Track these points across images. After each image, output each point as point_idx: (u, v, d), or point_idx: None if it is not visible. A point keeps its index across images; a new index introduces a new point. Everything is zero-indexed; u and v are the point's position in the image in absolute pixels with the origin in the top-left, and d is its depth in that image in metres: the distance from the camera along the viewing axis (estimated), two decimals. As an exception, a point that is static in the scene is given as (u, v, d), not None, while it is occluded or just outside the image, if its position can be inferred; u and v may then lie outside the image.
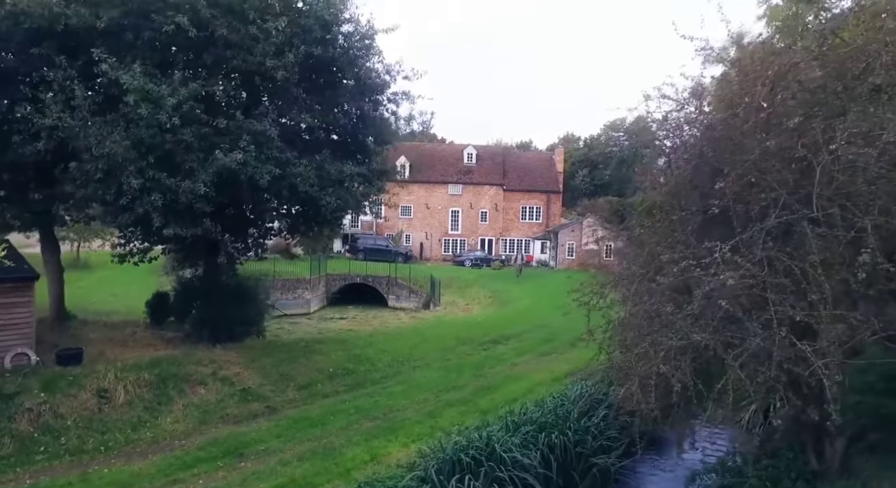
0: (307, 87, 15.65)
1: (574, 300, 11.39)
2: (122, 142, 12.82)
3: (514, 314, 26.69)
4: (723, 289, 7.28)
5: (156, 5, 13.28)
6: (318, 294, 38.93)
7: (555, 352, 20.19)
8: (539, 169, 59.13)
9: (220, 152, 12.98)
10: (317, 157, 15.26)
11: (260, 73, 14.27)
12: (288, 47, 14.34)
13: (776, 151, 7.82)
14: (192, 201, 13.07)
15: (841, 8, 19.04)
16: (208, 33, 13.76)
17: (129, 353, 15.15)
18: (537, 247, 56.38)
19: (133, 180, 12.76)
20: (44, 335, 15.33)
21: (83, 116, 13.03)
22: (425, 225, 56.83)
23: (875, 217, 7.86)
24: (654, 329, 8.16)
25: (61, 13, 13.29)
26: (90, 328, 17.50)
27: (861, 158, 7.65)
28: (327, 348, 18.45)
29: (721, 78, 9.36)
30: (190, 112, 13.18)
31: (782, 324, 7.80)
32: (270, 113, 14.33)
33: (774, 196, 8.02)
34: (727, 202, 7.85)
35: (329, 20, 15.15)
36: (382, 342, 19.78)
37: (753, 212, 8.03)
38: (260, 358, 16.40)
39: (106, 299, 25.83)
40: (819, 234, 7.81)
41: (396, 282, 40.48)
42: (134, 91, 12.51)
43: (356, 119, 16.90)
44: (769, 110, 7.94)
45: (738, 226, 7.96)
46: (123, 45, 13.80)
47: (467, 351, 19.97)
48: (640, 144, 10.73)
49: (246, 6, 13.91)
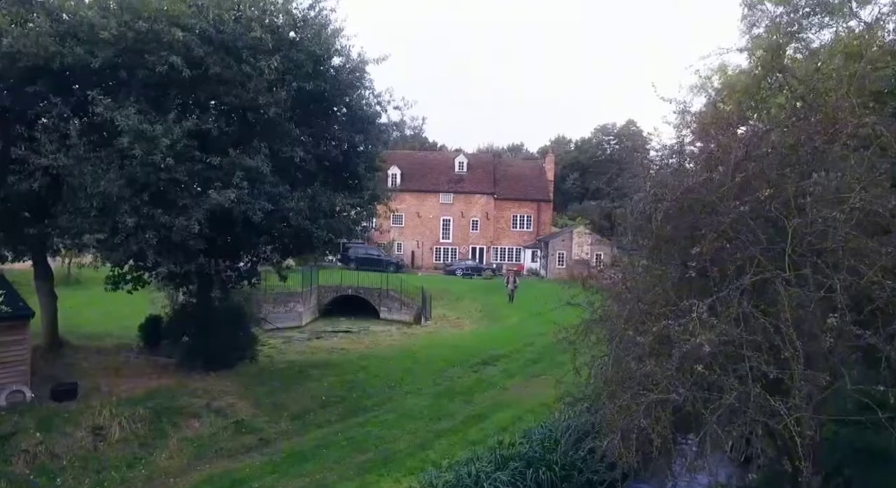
0: (299, 120, 15.90)
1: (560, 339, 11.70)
2: (116, 180, 13.03)
3: (503, 332, 27.03)
4: (699, 349, 7.60)
5: (150, 45, 13.48)
6: (309, 306, 39.14)
7: (543, 374, 20.48)
8: (530, 177, 59.58)
9: (213, 191, 13.21)
10: (308, 190, 15.51)
11: (252, 108, 14.52)
12: (280, 83, 14.60)
13: (750, 212, 8.17)
14: (186, 239, 13.28)
15: (820, 41, 19.58)
16: (202, 71, 13.99)
17: (123, 384, 15.33)
18: (528, 256, 56.83)
19: (128, 219, 12.97)
20: (38, 365, 15.48)
21: (78, 155, 13.22)
22: (417, 233, 57.14)
23: (844, 276, 8.26)
24: (636, 382, 8.48)
25: (57, 52, 13.48)
26: (83, 356, 17.66)
27: (830, 221, 8.02)
28: (320, 373, 18.69)
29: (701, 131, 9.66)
30: (184, 150, 13.41)
31: (756, 379, 8.16)
32: (263, 148, 14.56)
33: (749, 254, 8.38)
34: (704, 263, 8.19)
35: (320, 54, 15.43)
36: (375, 366, 20.04)
37: (730, 271, 8.38)
38: (253, 386, 16.64)
39: (99, 319, 25.91)
40: (791, 294, 8.17)
41: (388, 294, 40.76)
42: (128, 132, 12.72)
43: (347, 147, 17.17)
44: (744, 174, 8.28)
45: (715, 286, 8.30)
46: (118, 83, 14.00)
47: (458, 373, 20.25)
48: (629, 173, 10.98)
49: (239, 44, 14.15)
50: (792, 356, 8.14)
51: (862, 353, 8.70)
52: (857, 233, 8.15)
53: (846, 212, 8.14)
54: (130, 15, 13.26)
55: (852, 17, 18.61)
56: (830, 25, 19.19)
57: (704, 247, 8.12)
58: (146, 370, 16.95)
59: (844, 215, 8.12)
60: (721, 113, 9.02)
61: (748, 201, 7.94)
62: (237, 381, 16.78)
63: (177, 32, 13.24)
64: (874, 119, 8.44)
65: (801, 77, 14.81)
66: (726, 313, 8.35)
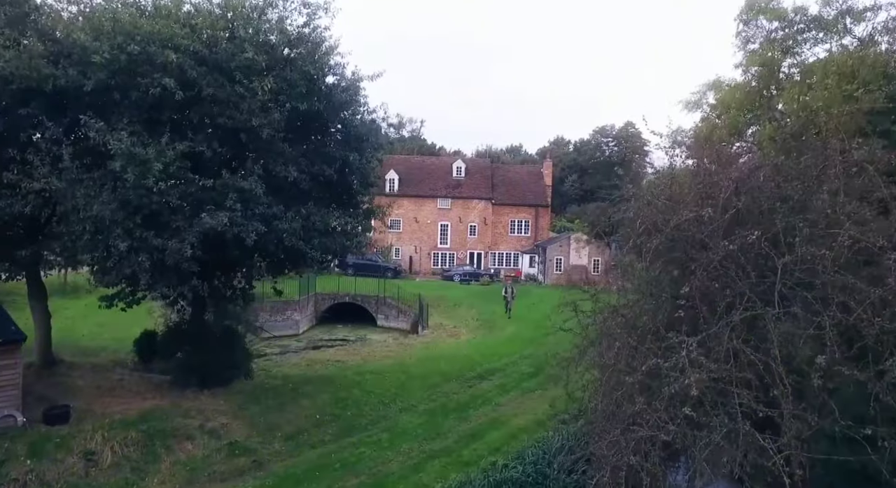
0: (293, 138, 15.86)
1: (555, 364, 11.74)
2: (109, 204, 13.00)
3: (499, 343, 27.01)
4: (688, 389, 7.60)
5: (142, 67, 13.45)
6: (306, 314, 39.14)
7: (539, 389, 20.45)
8: (528, 182, 59.58)
9: (206, 214, 13.17)
10: (303, 210, 15.47)
11: (246, 129, 14.48)
12: (274, 104, 14.57)
13: (739, 249, 8.16)
14: (179, 262, 13.26)
15: (816, 55, 19.60)
16: (195, 92, 13.96)
17: (117, 405, 15.30)
18: (526, 261, 56.82)
19: (120, 243, 12.93)
20: (31, 385, 15.45)
21: (70, 178, 13.19)
22: (415, 238, 57.12)
23: (834, 312, 8.26)
24: (626, 418, 8.48)
25: (50, 74, 13.45)
26: (78, 373, 17.60)
27: (819, 259, 8.02)
28: (314, 390, 18.67)
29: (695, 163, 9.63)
30: (177, 172, 13.38)
31: (746, 416, 8.16)
32: (256, 169, 14.52)
33: (739, 290, 8.38)
34: (694, 301, 8.19)
35: (314, 74, 15.39)
36: (369, 381, 20.01)
37: (719, 307, 8.38)
38: (247, 405, 16.61)
39: (95, 331, 25.87)
40: (781, 331, 8.16)
41: (385, 302, 40.77)
42: (121, 155, 12.69)
43: (341, 165, 17.12)
44: (734, 210, 8.28)
45: (704, 322, 8.30)
46: (111, 104, 13.96)
47: (453, 388, 20.23)
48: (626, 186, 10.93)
49: (232, 65, 14.11)
50: (781, 393, 8.15)
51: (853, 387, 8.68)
52: (845, 272, 8.15)
53: (835, 250, 8.16)
54: (123, 37, 13.22)
55: (846, 33, 18.65)
56: (825, 41, 19.24)
57: (694, 284, 8.12)
58: (140, 389, 16.92)
59: (833, 252, 8.14)
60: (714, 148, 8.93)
61: (737, 239, 7.94)
62: (231, 400, 16.75)
63: (170, 54, 13.20)
64: (863, 154, 8.44)
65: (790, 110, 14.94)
66: (716, 349, 8.38)
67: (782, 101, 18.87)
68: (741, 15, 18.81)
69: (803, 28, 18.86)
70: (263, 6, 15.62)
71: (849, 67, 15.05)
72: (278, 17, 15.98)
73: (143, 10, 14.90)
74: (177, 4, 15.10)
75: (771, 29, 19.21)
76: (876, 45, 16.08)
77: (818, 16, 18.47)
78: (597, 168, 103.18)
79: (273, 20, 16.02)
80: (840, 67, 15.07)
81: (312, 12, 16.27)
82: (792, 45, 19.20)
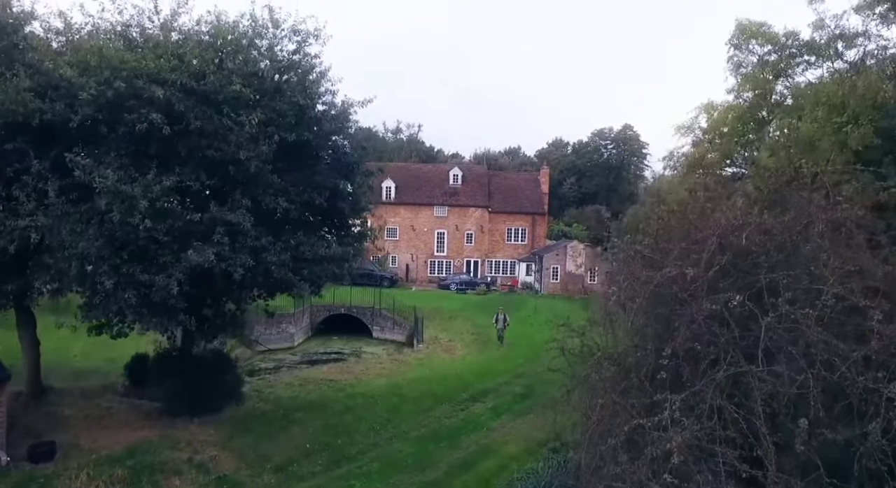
0: (281, 168, 15.76)
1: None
2: (95, 241, 12.93)
3: (493, 360, 26.97)
4: (670, 454, 7.54)
5: (129, 102, 13.36)
6: (301, 326, 39.07)
7: (530, 412, 20.39)
8: (524, 190, 59.56)
9: (193, 251, 13.09)
10: (291, 241, 15.41)
11: (234, 162, 14.41)
12: (262, 135, 14.49)
13: (723, 308, 8.11)
14: (166, 299, 13.19)
15: (808, 80, 19.56)
16: (182, 125, 13.89)
17: (104, 437, 15.23)
18: (522, 269, 56.82)
19: (107, 280, 12.86)
20: (18, 417, 15.38)
21: (56, 214, 13.12)
22: (411, 246, 57.09)
23: (818, 370, 8.21)
24: (609, 474, 8.43)
25: (37, 108, 13.38)
26: (67, 402, 17.55)
27: (803, 317, 7.97)
28: (305, 416, 18.61)
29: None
30: (163, 208, 13.30)
31: (730, 476, 8.12)
32: (245, 202, 14.44)
33: (723, 347, 8.33)
34: (679, 360, 8.14)
35: (304, 104, 15.33)
36: (361, 406, 19.95)
37: (703, 364, 8.33)
38: (237, 434, 16.54)
39: (86, 349, 25.69)
40: (764, 390, 8.11)
41: (381, 314, 40.70)
42: (106, 193, 12.61)
43: (331, 193, 17.05)
44: (717, 267, 8.23)
45: (688, 380, 8.25)
46: (98, 138, 13.89)
47: (445, 412, 20.19)
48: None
49: (220, 97, 14.03)
50: (765, 453, 8.10)
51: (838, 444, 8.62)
52: (830, 329, 8.10)
53: (818, 308, 8.11)
54: (110, 71, 13.14)
55: (837, 57, 18.61)
56: (817, 65, 19.20)
57: (678, 342, 8.07)
58: (130, 418, 16.85)
59: (817, 311, 8.09)
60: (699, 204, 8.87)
61: (721, 300, 7.89)
62: (221, 429, 16.68)
63: (157, 90, 13.13)
64: (846, 214, 8.39)
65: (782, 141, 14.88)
66: (700, 407, 8.33)
67: (774, 125, 18.84)
68: (732, 39, 18.76)
69: (795, 53, 18.83)
70: (252, 35, 15.55)
71: (839, 98, 15.00)
72: (268, 45, 15.93)
73: (131, 41, 14.83)
74: (166, 34, 15.04)
75: (763, 53, 19.18)
76: (867, 71, 16.01)
77: (810, 40, 18.44)
78: (595, 171, 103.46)
79: (263, 47, 15.97)
80: (830, 98, 15.03)
81: (303, 39, 16.24)
82: (784, 67, 19.17)
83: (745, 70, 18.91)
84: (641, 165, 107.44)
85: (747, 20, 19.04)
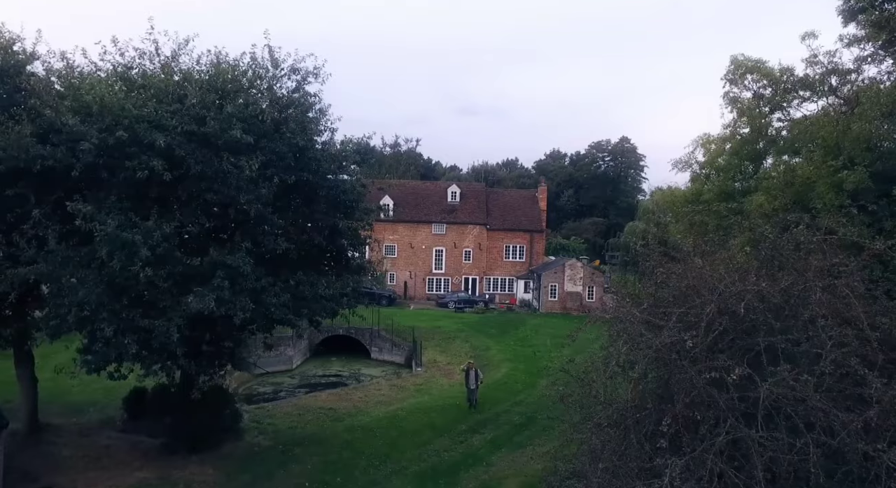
0: (281, 208, 15.82)
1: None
2: (95, 288, 12.94)
3: (492, 389, 26.90)
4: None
5: (130, 148, 13.41)
6: (300, 349, 39.01)
7: (530, 444, 20.38)
8: (522, 207, 59.71)
9: (193, 298, 13.11)
10: (291, 281, 15.43)
11: (233, 205, 14.46)
12: (262, 178, 14.56)
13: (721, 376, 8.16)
14: (166, 345, 13.19)
15: (803, 112, 19.73)
16: (183, 170, 13.95)
17: (102, 480, 15.20)
18: (521, 287, 56.83)
19: (106, 327, 12.86)
20: (14, 457, 15.29)
21: (56, 261, 13.13)
22: (409, 264, 57.11)
23: (818, 435, 8.25)
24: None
25: (38, 155, 13.42)
26: (63, 440, 17.50)
27: (801, 384, 8.02)
28: (304, 452, 18.54)
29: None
30: (163, 253, 13.33)
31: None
32: (245, 244, 14.47)
33: (723, 412, 8.37)
34: (678, 427, 8.17)
35: (303, 146, 15.41)
36: (360, 440, 19.88)
37: (702, 429, 8.36)
38: (236, 473, 16.50)
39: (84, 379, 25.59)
40: (765, 455, 8.14)
41: (379, 334, 40.68)
42: (107, 241, 12.64)
43: (330, 231, 17.11)
44: (716, 333, 8.28)
45: (688, 446, 8.27)
46: (98, 183, 13.94)
47: (444, 445, 20.12)
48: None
49: (220, 142, 14.10)
50: (766, 522, 8.11)
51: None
52: (829, 395, 8.15)
53: (817, 375, 8.16)
54: (111, 119, 13.22)
55: (831, 93, 18.80)
56: (812, 100, 19.39)
57: (677, 410, 8.12)
58: (128, 457, 16.79)
59: (815, 378, 8.14)
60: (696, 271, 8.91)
61: (719, 367, 7.95)
62: (220, 467, 16.63)
63: (158, 136, 13.20)
64: (843, 281, 8.46)
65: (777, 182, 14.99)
66: (700, 471, 8.35)
67: (770, 161, 18.98)
68: (728, 75, 18.96)
69: (790, 88, 19.02)
70: (253, 77, 15.66)
71: (833, 139, 15.15)
72: (267, 85, 16.03)
73: (132, 82, 14.89)
74: (167, 75, 15.12)
75: (758, 87, 19.36)
76: (862, 112, 16.16)
77: (804, 77, 18.63)
78: (593, 183, 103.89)
79: (263, 87, 16.08)
80: (825, 140, 15.17)
81: (303, 78, 16.37)
82: (780, 101, 19.35)
83: (740, 105, 19.08)
84: (639, 178, 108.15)
85: (742, 56, 19.26)
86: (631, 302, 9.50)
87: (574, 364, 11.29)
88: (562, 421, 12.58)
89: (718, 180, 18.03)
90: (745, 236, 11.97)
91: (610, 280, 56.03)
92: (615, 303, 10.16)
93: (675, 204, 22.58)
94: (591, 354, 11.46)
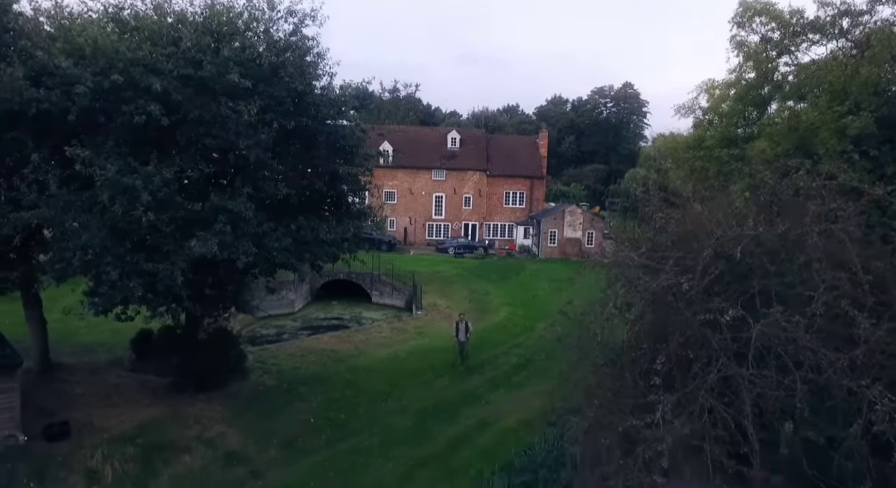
0: (280, 153, 15.74)
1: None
2: (98, 232, 13.05)
3: (490, 331, 27.51)
4: (660, 457, 7.96)
5: (126, 93, 13.21)
6: (301, 293, 39.53)
7: (528, 384, 21.02)
8: (523, 153, 59.21)
9: (196, 242, 13.24)
10: (292, 226, 15.54)
11: (233, 150, 14.39)
12: (261, 123, 14.41)
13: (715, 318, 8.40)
14: (171, 288, 13.42)
15: (811, 56, 19.35)
16: (180, 115, 13.81)
17: (115, 416, 15.75)
18: (520, 233, 57.09)
19: (111, 271, 13.05)
20: (29, 394, 15.79)
21: (58, 205, 13.19)
22: (409, 210, 57.15)
23: (805, 373, 8.57)
24: (604, 471, 8.90)
25: (33, 98, 13.23)
26: (75, 378, 18.03)
27: (791, 327, 8.26)
28: (308, 391, 19.16)
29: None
30: (164, 197, 13.37)
31: (717, 471, 8.58)
32: (245, 189, 14.48)
33: (715, 351, 8.66)
34: (672, 365, 8.47)
35: (301, 90, 15.19)
36: (362, 380, 20.50)
37: (695, 367, 8.67)
38: (243, 410, 17.10)
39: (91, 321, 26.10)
40: (753, 391, 8.47)
41: (380, 279, 41.15)
42: (107, 186, 12.66)
43: (330, 177, 17.09)
44: (711, 276, 8.46)
45: (680, 383, 8.60)
46: (96, 128, 13.81)
47: (444, 385, 20.76)
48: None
49: (217, 87, 13.89)
50: (751, 451, 8.54)
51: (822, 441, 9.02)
52: (819, 336, 8.41)
53: (808, 316, 8.39)
54: (105, 61, 12.98)
55: (842, 36, 18.38)
56: (821, 43, 18.97)
57: (671, 349, 8.40)
58: (138, 395, 17.35)
59: (807, 319, 8.37)
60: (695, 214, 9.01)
61: (714, 309, 8.16)
62: (227, 405, 17.22)
63: (154, 80, 12.99)
64: (840, 226, 8.57)
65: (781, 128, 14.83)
66: (691, 407, 8.72)
67: (775, 106, 18.75)
68: (735, 17, 18.46)
69: (799, 31, 18.57)
70: (248, 19, 15.26)
71: (840, 84, 14.94)
72: (264, 28, 15.65)
73: (124, 23, 14.54)
74: (160, 17, 14.74)
75: (766, 30, 18.90)
76: (872, 55, 15.84)
77: (815, 19, 18.16)
78: (594, 129, 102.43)
79: (259, 30, 15.69)
80: (832, 84, 14.95)
81: (300, 21, 15.96)
82: (788, 45, 18.93)
83: (747, 49, 18.67)
84: (641, 124, 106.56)
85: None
86: (629, 246, 9.64)
87: (572, 306, 11.56)
88: (559, 361, 13.00)
89: (721, 126, 17.88)
90: (745, 182, 12.00)
91: (610, 226, 56.32)
92: (614, 248, 10.32)
93: (676, 150, 22.48)
94: (589, 298, 11.73)
